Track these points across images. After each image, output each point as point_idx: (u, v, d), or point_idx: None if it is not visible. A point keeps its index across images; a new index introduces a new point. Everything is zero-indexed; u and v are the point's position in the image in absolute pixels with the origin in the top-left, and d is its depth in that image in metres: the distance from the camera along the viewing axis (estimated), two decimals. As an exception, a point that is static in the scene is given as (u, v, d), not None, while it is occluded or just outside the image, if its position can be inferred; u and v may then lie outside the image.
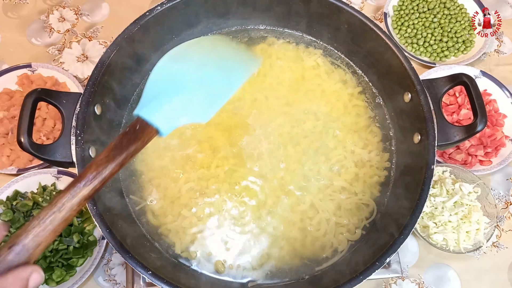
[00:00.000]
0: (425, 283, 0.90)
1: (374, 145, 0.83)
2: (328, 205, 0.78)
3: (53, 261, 0.82)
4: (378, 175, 0.81)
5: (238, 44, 0.67)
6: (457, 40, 1.12)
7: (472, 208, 0.88)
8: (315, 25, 0.89)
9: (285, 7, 0.87)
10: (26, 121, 0.63)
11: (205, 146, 0.80)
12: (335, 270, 0.73)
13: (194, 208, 0.77)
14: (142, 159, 0.80)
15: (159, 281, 0.61)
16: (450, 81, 0.73)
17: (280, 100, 0.86)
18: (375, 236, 0.75)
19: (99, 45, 1.12)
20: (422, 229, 0.89)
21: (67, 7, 1.16)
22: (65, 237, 0.84)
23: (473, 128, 0.68)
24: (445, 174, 0.93)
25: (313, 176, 0.80)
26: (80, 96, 0.68)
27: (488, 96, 1.05)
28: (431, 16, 1.14)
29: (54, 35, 1.13)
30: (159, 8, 0.77)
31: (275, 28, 0.93)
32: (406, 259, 0.91)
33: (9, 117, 0.95)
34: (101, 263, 0.88)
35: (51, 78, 1.01)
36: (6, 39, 1.11)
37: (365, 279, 0.62)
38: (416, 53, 1.13)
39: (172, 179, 0.78)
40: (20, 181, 0.90)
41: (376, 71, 0.86)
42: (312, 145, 0.82)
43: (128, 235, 0.68)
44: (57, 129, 0.95)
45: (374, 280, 0.89)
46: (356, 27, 0.82)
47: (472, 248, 0.87)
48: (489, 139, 0.98)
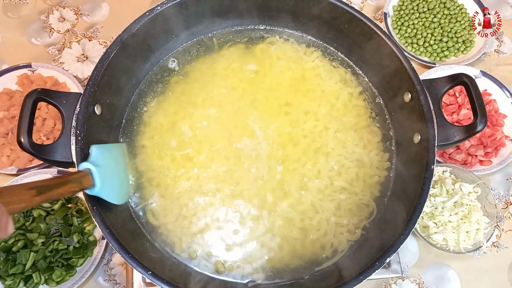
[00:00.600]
0: (425, 283, 0.90)
1: (374, 145, 0.83)
2: (328, 205, 0.78)
3: (53, 261, 0.82)
4: (378, 175, 0.81)
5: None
6: (457, 40, 1.12)
7: (472, 208, 0.88)
8: (315, 25, 0.89)
9: (285, 7, 0.87)
10: (26, 121, 0.63)
11: (205, 146, 0.80)
12: (335, 270, 0.73)
13: (194, 208, 0.77)
14: (142, 158, 0.80)
15: (159, 281, 0.61)
16: (450, 81, 0.73)
17: (280, 100, 0.86)
18: (375, 236, 0.75)
19: (99, 45, 1.12)
20: (422, 229, 0.89)
21: (67, 7, 1.16)
22: (65, 237, 0.84)
23: (473, 128, 0.68)
24: (445, 174, 0.93)
25: (313, 176, 0.80)
26: (80, 96, 0.68)
27: (488, 96, 1.05)
28: (431, 16, 1.14)
29: (54, 35, 1.13)
30: (159, 8, 0.77)
31: (275, 28, 0.93)
32: (406, 259, 0.91)
33: (9, 117, 0.95)
34: (101, 263, 0.88)
35: (51, 78, 1.01)
36: (6, 39, 1.11)
37: (365, 279, 0.62)
38: (416, 53, 1.13)
39: (172, 179, 0.78)
40: (20, 181, 0.90)
41: (376, 71, 0.86)
42: (312, 145, 0.82)
43: (128, 235, 0.68)
44: (57, 129, 0.95)
45: (374, 280, 0.89)
46: (356, 27, 0.82)
47: (472, 248, 0.87)
48: (489, 139, 0.98)
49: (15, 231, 0.83)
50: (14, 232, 0.83)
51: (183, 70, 0.88)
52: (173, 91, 0.86)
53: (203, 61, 0.89)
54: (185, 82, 0.87)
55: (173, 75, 0.87)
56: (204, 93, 0.85)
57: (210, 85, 0.86)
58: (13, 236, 0.83)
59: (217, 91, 0.85)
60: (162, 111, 0.84)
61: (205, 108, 0.84)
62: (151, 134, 0.82)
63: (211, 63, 0.88)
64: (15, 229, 0.84)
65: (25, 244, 0.83)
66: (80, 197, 0.90)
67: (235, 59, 0.89)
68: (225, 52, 0.90)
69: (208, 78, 0.87)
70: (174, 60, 0.88)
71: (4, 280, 0.81)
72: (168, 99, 0.85)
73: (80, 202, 0.90)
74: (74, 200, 0.90)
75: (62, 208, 0.86)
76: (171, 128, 0.82)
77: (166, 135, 0.82)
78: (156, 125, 0.82)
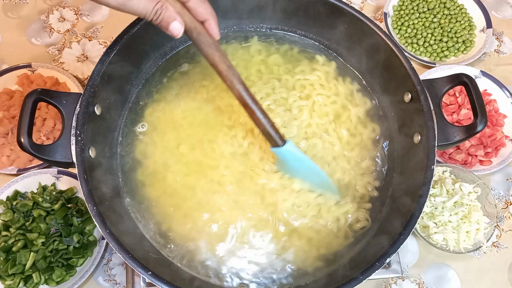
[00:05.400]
0: (425, 283, 0.90)
1: (373, 145, 0.83)
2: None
3: (53, 261, 0.82)
4: (378, 176, 0.81)
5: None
6: (457, 40, 1.12)
7: (472, 208, 0.88)
8: (315, 26, 0.89)
9: (285, 8, 0.87)
10: (26, 121, 0.63)
11: (212, 146, 0.80)
12: (335, 270, 0.73)
13: (194, 208, 0.77)
14: (145, 155, 0.79)
15: (159, 281, 0.61)
16: (450, 81, 0.73)
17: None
18: (375, 236, 0.75)
19: (99, 45, 1.12)
20: (422, 229, 0.89)
21: (67, 7, 1.16)
22: (65, 237, 0.84)
23: (473, 128, 0.68)
24: (445, 174, 0.93)
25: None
26: (80, 96, 0.68)
27: (488, 96, 1.05)
28: (431, 16, 1.14)
29: (54, 35, 1.13)
30: (159, 8, 0.77)
31: (275, 28, 0.93)
32: (406, 259, 0.91)
33: (9, 117, 0.95)
34: (101, 263, 0.88)
35: (51, 78, 1.01)
36: (6, 39, 1.11)
37: (365, 279, 0.62)
38: (416, 53, 1.13)
39: (173, 178, 0.78)
40: (20, 181, 0.90)
41: (376, 71, 0.86)
42: (309, 144, 0.81)
43: (128, 235, 0.68)
44: (57, 129, 0.95)
45: (374, 280, 0.89)
46: (356, 27, 0.82)
47: (472, 248, 0.87)
48: (489, 139, 0.98)
49: (15, 231, 0.83)
50: (14, 232, 0.83)
51: (183, 70, 0.88)
52: (174, 91, 0.86)
53: (203, 60, 0.89)
54: (185, 82, 0.87)
55: (173, 74, 0.87)
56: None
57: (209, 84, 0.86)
58: (13, 236, 0.83)
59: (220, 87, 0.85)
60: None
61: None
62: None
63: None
64: (15, 229, 0.84)
65: (25, 244, 0.83)
66: (80, 197, 0.91)
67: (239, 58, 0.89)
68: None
69: (207, 78, 0.87)
70: (174, 60, 0.88)
71: (4, 280, 0.81)
72: (168, 99, 0.85)
73: (80, 202, 0.90)
74: (74, 200, 0.90)
75: (62, 208, 0.86)
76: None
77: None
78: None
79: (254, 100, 0.64)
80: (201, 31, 0.59)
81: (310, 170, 0.75)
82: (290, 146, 0.70)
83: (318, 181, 0.76)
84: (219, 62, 0.61)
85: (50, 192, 0.88)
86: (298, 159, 0.72)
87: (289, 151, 0.70)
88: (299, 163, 0.73)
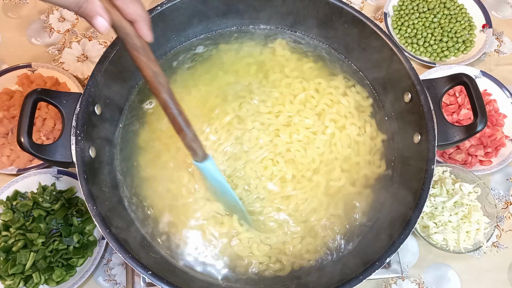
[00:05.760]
0: (425, 283, 0.90)
1: (373, 146, 0.83)
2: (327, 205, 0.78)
3: (53, 261, 0.82)
4: (378, 176, 0.81)
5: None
6: (457, 40, 1.12)
7: (472, 208, 0.88)
8: (315, 26, 0.89)
9: (284, 8, 0.87)
10: (26, 121, 0.63)
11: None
12: (335, 270, 0.73)
13: (194, 209, 0.77)
14: (143, 157, 0.79)
15: (159, 281, 0.61)
16: (450, 81, 0.73)
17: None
18: (375, 236, 0.75)
19: (99, 45, 1.12)
20: (422, 229, 0.89)
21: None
22: (65, 237, 0.84)
23: (473, 128, 0.68)
24: (445, 174, 0.93)
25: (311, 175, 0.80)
26: (80, 96, 0.68)
27: (488, 96, 1.05)
28: (431, 16, 1.14)
29: (54, 35, 1.13)
30: (159, 8, 0.77)
31: (275, 28, 0.93)
32: (406, 259, 0.91)
33: (9, 117, 0.95)
34: (101, 263, 0.88)
35: (51, 78, 1.01)
36: (6, 39, 1.12)
37: (365, 279, 0.62)
38: (416, 53, 1.13)
39: (172, 179, 0.78)
40: (20, 181, 0.90)
41: (376, 71, 0.86)
42: (309, 144, 0.81)
43: (128, 235, 0.68)
44: (57, 129, 0.95)
45: (374, 280, 0.89)
46: (356, 27, 0.82)
47: (472, 248, 0.87)
48: (489, 139, 0.98)
49: (15, 231, 0.83)
50: (14, 232, 0.83)
51: (183, 70, 0.88)
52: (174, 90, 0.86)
53: (202, 61, 0.89)
54: (185, 81, 0.87)
55: (173, 75, 0.87)
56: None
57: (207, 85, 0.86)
58: (13, 236, 0.83)
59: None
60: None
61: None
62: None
63: (212, 64, 0.88)
64: (15, 229, 0.84)
65: (25, 244, 0.83)
66: (80, 197, 0.91)
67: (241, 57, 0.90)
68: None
69: (208, 77, 0.87)
70: (174, 60, 0.88)
71: (4, 280, 0.81)
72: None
73: (80, 202, 0.90)
74: (74, 200, 0.90)
75: (62, 208, 0.86)
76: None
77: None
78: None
79: (179, 109, 0.61)
80: (129, 32, 0.55)
81: (226, 193, 0.73)
82: (209, 164, 0.68)
83: (233, 207, 0.75)
84: (144, 67, 0.57)
85: (50, 192, 0.88)
86: (215, 178, 0.70)
87: (207, 169, 0.68)
88: (216, 183, 0.71)
